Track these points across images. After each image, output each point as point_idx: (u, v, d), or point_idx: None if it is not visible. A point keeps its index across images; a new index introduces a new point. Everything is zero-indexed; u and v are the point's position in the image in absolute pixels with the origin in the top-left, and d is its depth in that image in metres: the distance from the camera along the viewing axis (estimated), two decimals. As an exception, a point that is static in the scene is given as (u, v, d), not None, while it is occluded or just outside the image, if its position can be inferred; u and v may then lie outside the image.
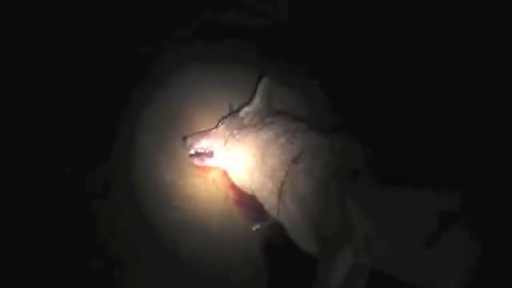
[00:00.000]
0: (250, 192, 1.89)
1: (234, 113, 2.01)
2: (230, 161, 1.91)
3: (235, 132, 1.91)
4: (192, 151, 1.98)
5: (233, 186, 1.95)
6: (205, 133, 1.99)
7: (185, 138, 1.99)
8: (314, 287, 1.57)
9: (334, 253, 1.59)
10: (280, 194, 1.73)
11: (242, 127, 1.91)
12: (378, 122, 1.94)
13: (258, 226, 1.90)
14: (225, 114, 2.04)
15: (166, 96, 2.12)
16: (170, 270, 1.82)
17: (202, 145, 1.96)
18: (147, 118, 2.09)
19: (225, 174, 1.97)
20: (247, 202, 1.92)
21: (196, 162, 1.98)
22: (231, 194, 1.97)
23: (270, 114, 1.92)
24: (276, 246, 1.88)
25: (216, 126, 2.00)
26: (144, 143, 2.04)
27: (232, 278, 1.84)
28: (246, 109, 1.97)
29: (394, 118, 1.96)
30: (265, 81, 1.98)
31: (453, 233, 1.47)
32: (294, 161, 1.72)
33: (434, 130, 1.84)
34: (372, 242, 1.55)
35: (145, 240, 1.87)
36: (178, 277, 1.81)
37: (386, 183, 1.59)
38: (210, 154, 1.95)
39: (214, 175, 2.01)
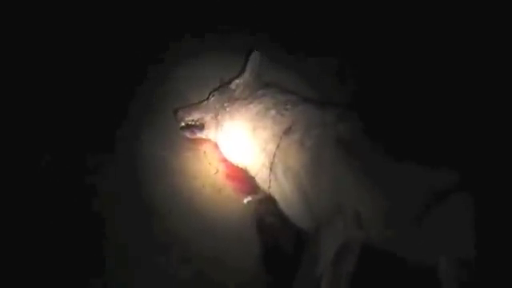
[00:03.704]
0: (241, 165, 1.88)
1: (224, 85, 1.99)
2: (221, 134, 1.90)
3: (226, 105, 1.90)
4: (183, 124, 1.96)
5: (224, 159, 1.95)
6: (195, 105, 1.97)
7: (176, 111, 1.97)
8: (303, 259, 1.59)
9: (325, 225, 1.60)
10: (271, 166, 1.73)
11: (232, 100, 1.90)
12: (374, 95, 1.94)
13: (249, 199, 1.91)
14: (215, 87, 2.02)
15: (156, 71, 2.09)
16: (161, 248, 1.80)
17: (192, 117, 1.95)
18: (139, 93, 2.05)
19: (216, 146, 1.96)
20: (238, 175, 1.92)
21: (187, 134, 1.97)
22: (222, 167, 1.96)
23: (261, 87, 1.90)
24: (269, 222, 1.88)
25: (207, 99, 1.98)
26: (135, 117, 2.01)
27: (223, 252, 1.83)
28: (237, 81, 1.95)
29: (390, 91, 1.95)
30: (255, 54, 1.96)
31: (446, 210, 1.48)
32: (286, 132, 1.71)
33: (432, 107, 1.84)
34: (364, 217, 1.55)
35: (135, 216, 1.85)
36: (168, 254, 1.80)
37: (380, 157, 1.58)
38: (200, 127, 1.94)
39: (205, 148, 1.99)
